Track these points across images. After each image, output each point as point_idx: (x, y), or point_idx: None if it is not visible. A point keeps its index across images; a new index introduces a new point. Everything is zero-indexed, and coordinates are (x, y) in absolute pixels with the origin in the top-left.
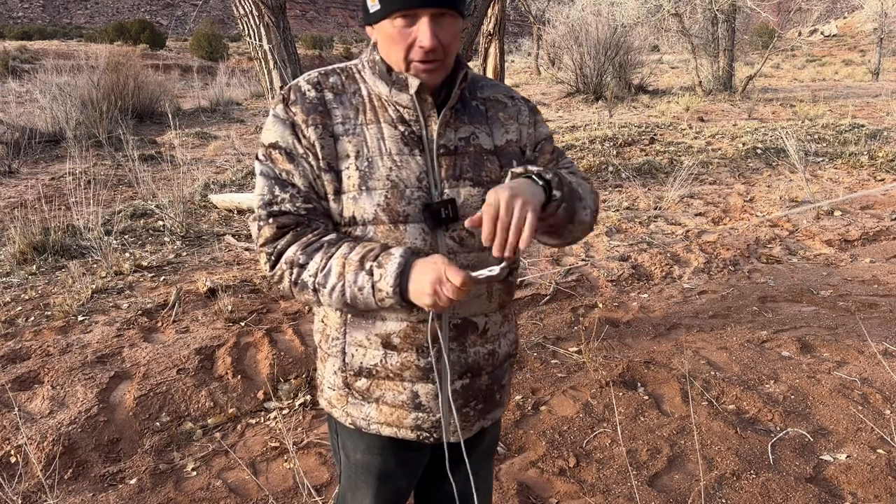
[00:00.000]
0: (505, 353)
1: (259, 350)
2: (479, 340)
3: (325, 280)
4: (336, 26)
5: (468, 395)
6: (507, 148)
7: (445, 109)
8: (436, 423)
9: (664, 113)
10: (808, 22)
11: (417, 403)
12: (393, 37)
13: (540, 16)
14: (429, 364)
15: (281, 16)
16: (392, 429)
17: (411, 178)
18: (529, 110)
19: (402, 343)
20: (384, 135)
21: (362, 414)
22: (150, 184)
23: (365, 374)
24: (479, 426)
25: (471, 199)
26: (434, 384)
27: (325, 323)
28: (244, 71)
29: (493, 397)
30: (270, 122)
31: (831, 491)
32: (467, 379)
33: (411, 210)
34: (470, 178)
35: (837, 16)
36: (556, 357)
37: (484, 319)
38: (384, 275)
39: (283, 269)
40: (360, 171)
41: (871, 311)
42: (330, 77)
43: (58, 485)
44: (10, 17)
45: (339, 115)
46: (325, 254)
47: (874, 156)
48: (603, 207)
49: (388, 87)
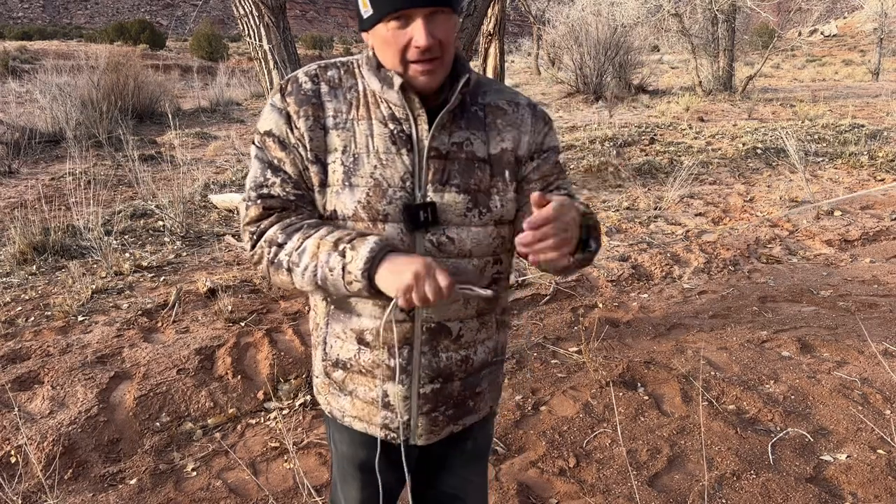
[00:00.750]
0: (481, 360)
1: (259, 350)
2: (452, 346)
3: (298, 259)
4: (336, 26)
5: (437, 399)
6: (502, 157)
7: (444, 112)
8: (404, 425)
9: (664, 113)
10: (808, 22)
11: (386, 402)
12: (388, 39)
13: (540, 16)
14: (399, 365)
15: (281, 16)
16: (363, 424)
17: (395, 177)
18: (535, 118)
19: (374, 341)
20: (373, 132)
21: (339, 405)
22: (150, 184)
23: (341, 366)
24: (447, 431)
25: (454, 206)
26: (403, 385)
27: (315, 312)
28: (244, 71)
29: (464, 404)
30: (267, 111)
31: (831, 491)
32: (438, 383)
33: (391, 210)
34: (456, 185)
35: (837, 16)
36: (556, 357)
37: (458, 325)
38: (355, 258)
39: (262, 247)
40: (345, 166)
41: (871, 311)
42: (329, 70)
43: (58, 485)
44: (10, 17)
45: (331, 108)
46: (303, 234)
47: (874, 156)
48: (603, 207)
49: (380, 83)
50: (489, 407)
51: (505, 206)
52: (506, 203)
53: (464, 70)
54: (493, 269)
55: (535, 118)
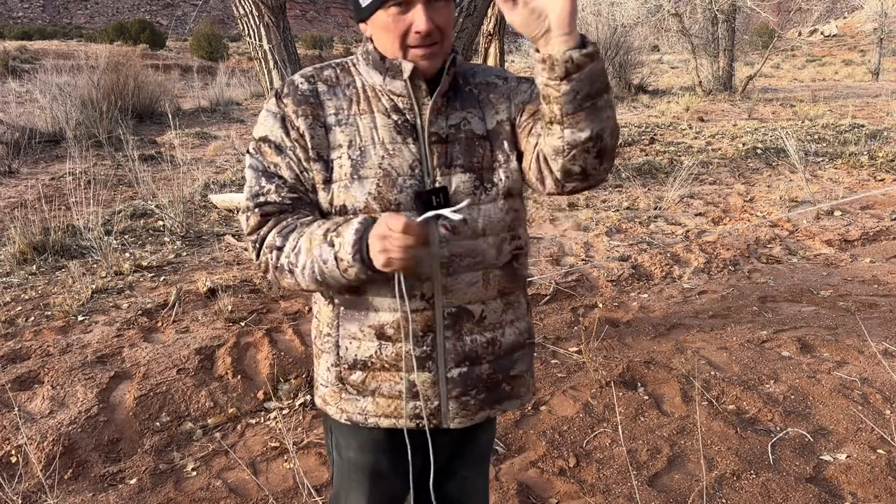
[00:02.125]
0: (511, 342)
1: (259, 350)
2: (475, 329)
3: (296, 259)
4: (336, 26)
5: (467, 383)
6: (499, 129)
7: (435, 96)
8: (434, 411)
9: (664, 113)
10: (808, 22)
11: (414, 392)
12: (388, 26)
13: None
14: (424, 353)
15: (281, 16)
16: (390, 420)
17: (404, 166)
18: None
19: (396, 333)
20: (377, 124)
21: (358, 409)
22: (150, 184)
23: (360, 366)
24: (483, 415)
25: (463, 186)
26: (430, 372)
27: (319, 319)
28: (244, 71)
29: (498, 387)
30: (262, 117)
31: (831, 491)
32: (465, 367)
33: (403, 198)
34: (461, 165)
35: (837, 16)
36: (556, 357)
37: (481, 307)
38: (343, 243)
39: (265, 254)
40: (353, 159)
41: (871, 311)
42: (325, 71)
43: (58, 485)
44: (10, 17)
45: (331, 106)
46: (298, 234)
47: (874, 156)
48: (603, 207)
49: (382, 75)
50: (530, 391)
51: (510, 177)
52: (510, 174)
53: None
54: (511, 245)
55: (519, 82)
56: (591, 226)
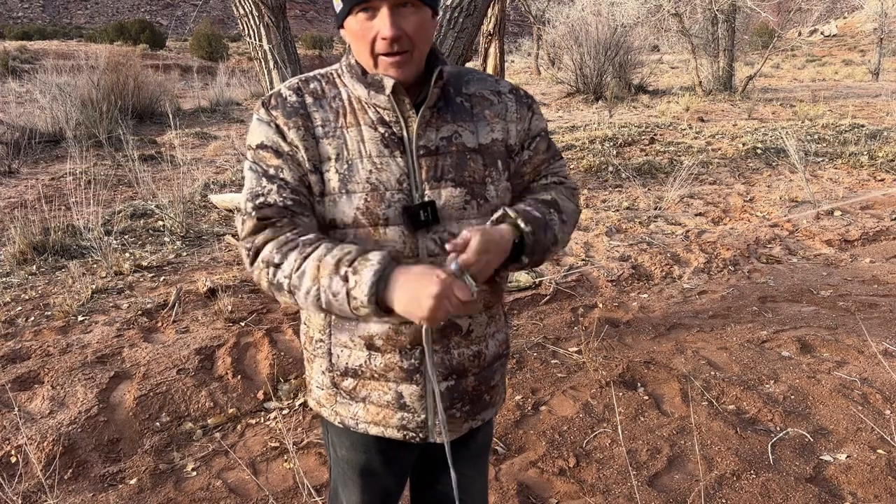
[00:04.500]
0: (493, 353)
1: (259, 350)
2: (463, 342)
3: (299, 282)
4: (336, 26)
5: (454, 396)
6: (493, 147)
7: (423, 109)
8: (421, 424)
9: (664, 113)
10: (808, 22)
11: (402, 404)
12: (357, 33)
13: (540, 16)
14: (412, 365)
15: (281, 16)
16: (379, 428)
17: (391, 180)
18: (519, 105)
19: (384, 345)
20: (364, 137)
21: (350, 413)
22: (150, 184)
23: (351, 374)
24: (467, 427)
25: (452, 201)
26: (418, 385)
27: (308, 325)
28: (244, 71)
29: (481, 398)
30: (255, 125)
31: (831, 491)
32: (452, 380)
33: (391, 213)
34: (452, 179)
35: (837, 16)
36: (556, 357)
37: (468, 321)
38: (359, 282)
39: (260, 268)
40: (340, 174)
41: (871, 311)
42: (310, 83)
43: (58, 485)
44: (10, 17)
45: (318, 118)
46: (300, 254)
47: (874, 156)
48: (603, 207)
49: (366, 89)
50: (503, 398)
51: (500, 196)
52: (500, 192)
53: (437, 63)
54: None
55: (519, 105)
56: (590, 226)
